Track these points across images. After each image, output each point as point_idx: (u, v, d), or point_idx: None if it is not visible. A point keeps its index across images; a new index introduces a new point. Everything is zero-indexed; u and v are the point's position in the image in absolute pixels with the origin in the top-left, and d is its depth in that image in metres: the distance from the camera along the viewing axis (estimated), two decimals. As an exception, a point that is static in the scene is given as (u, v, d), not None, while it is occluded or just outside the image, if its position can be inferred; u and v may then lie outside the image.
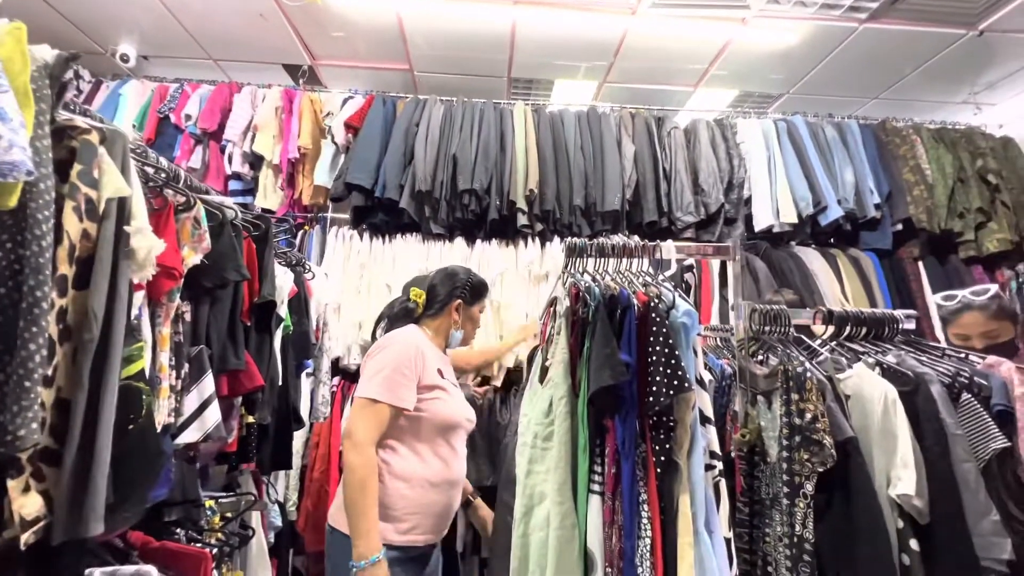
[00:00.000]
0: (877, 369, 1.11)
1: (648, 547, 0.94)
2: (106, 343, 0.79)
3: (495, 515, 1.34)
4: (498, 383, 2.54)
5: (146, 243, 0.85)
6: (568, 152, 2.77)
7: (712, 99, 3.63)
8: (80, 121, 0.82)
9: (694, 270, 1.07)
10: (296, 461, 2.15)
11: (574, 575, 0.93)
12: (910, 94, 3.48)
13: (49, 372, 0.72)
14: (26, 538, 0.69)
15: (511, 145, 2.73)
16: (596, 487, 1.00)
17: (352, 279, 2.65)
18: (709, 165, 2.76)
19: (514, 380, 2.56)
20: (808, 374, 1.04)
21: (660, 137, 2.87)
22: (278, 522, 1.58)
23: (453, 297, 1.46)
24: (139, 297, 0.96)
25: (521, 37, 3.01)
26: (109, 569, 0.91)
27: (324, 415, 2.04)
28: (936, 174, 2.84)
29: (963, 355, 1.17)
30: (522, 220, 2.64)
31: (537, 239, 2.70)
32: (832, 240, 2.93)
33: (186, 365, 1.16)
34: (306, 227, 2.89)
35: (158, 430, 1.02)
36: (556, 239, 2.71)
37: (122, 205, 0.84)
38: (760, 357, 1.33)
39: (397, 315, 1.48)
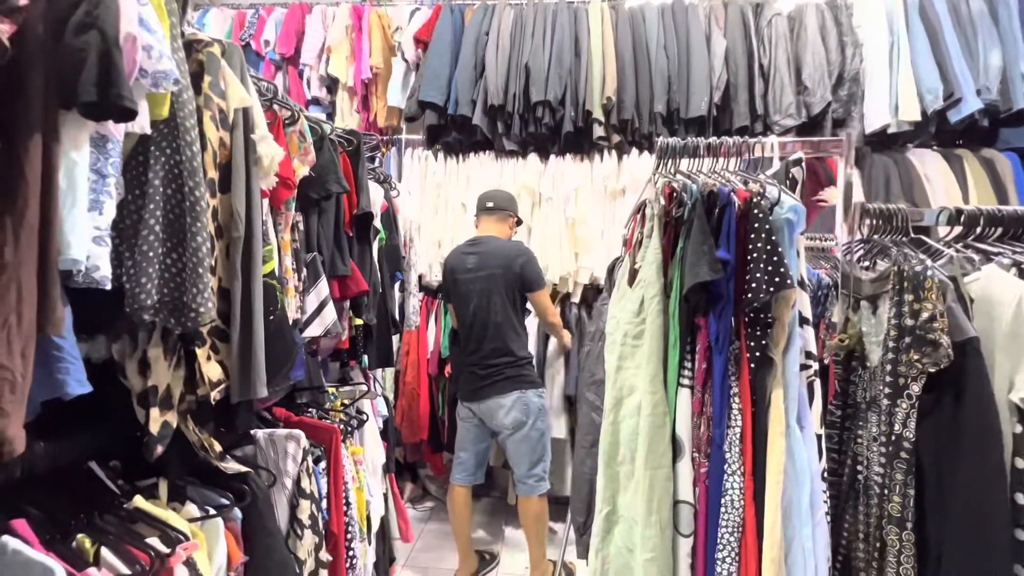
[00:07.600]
0: (1013, 270, 1.00)
1: (738, 435, 0.98)
2: (250, 241, 0.91)
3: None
4: (576, 299, 2.59)
5: (270, 150, 0.93)
6: (650, 53, 2.54)
7: (824, -24, 3.09)
8: (203, 35, 0.88)
9: (802, 164, 0.98)
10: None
11: (664, 457, 1.00)
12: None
13: (212, 263, 0.84)
14: (214, 395, 0.85)
15: (586, 50, 2.55)
16: (686, 381, 1.04)
17: (429, 199, 2.73)
18: (816, 58, 2.42)
19: (591, 299, 2.60)
20: (928, 272, 0.96)
21: (758, 28, 2.53)
22: (385, 412, 1.81)
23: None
24: (265, 204, 1.06)
25: (598, -81, 2.68)
26: (269, 430, 1.11)
27: (415, 323, 2.22)
28: (1120, 50, 2.30)
29: None
30: (598, 132, 2.53)
31: (614, 152, 2.59)
32: (960, 141, 2.53)
33: (304, 270, 1.30)
34: (383, 149, 2.95)
35: (290, 323, 1.18)
36: (634, 151, 2.57)
37: (246, 115, 0.91)
38: (866, 263, 1.25)
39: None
